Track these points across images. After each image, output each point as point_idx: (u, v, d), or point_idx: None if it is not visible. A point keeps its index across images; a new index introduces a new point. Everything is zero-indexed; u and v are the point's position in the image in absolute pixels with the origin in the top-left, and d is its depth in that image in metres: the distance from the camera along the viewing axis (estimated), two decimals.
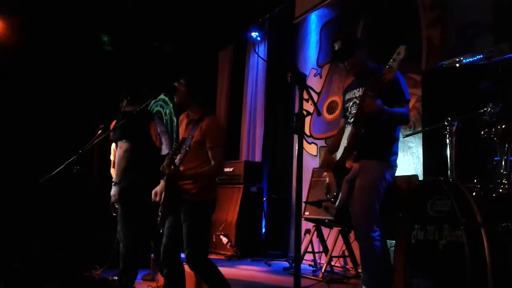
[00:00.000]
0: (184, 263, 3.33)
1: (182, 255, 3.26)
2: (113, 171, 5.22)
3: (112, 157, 5.23)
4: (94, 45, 7.25)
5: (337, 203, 3.19)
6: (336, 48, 3.28)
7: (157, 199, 3.28)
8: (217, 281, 3.23)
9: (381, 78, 2.88)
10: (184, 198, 3.21)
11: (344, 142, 3.18)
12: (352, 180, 3.08)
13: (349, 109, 3.28)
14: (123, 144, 4.16)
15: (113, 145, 5.22)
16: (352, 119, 3.17)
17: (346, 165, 3.08)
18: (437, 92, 3.58)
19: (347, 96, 3.37)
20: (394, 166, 3.18)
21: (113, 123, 4.74)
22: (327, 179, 3.37)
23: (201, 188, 3.21)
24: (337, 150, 3.27)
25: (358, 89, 3.24)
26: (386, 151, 3.12)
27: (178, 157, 3.22)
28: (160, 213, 3.23)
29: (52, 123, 6.71)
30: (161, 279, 4.43)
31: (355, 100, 3.23)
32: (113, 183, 4.11)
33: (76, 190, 4.40)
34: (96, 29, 7.27)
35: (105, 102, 6.78)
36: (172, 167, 3.12)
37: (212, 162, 3.20)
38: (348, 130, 3.18)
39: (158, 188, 3.33)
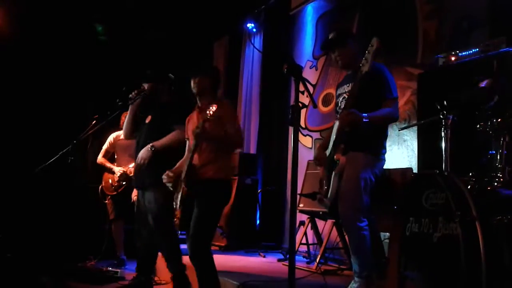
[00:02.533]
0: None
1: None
2: (103, 160, 5.20)
3: (107, 146, 5.19)
4: (88, 35, 7.19)
5: (327, 198, 3.20)
6: (330, 37, 3.34)
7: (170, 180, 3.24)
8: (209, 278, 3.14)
9: (358, 71, 2.89)
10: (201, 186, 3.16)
11: (333, 137, 3.19)
12: (342, 173, 3.09)
13: (339, 104, 3.31)
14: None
15: (114, 134, 5.18)
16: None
17: (335, 159, 3.09)
18: (432, 85, 3.58)
19: (338, 92, 3.41)
20: (382, 160, 3.19)
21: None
22: (320, 174, 3.38)
23: (216, 169, 3.18)
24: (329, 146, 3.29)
25: (348, 85, 3.28)
26: (373, 144, 3.14)
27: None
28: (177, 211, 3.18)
29: (45, 113, 6.66)
30: (162, 277, 4.36)
31: (344, 95, 3.27)
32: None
33: (70, 181, 4.39)
34: (90, 19, 7.20)
35: (99, 93, 6.74)
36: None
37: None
38: (336, 124, 3.18)
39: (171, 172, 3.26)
